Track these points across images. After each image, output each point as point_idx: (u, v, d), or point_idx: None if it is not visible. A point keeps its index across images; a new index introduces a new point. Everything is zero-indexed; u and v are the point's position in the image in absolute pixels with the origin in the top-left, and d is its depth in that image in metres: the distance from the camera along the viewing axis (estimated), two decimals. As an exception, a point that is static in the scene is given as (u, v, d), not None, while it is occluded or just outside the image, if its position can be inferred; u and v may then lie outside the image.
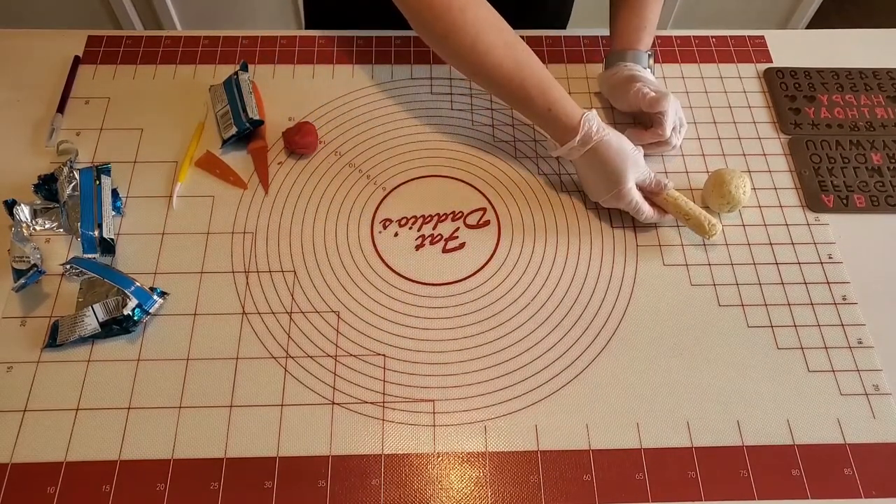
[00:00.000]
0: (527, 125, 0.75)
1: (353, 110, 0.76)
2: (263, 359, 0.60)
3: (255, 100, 0.72)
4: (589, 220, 0.69)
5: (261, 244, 0.66)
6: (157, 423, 0.56)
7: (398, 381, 0.59)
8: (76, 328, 0.58)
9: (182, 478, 0.54)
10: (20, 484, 0.54)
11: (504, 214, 0.69)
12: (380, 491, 0.54)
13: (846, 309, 0.64)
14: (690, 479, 0.55)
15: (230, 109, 0.71)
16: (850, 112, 0.77)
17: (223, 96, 0.72)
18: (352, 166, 0.72)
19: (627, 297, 0.64)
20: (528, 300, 0.64)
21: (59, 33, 0.80)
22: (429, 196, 0.70)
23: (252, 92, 0.72)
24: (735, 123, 0.76)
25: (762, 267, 0.66)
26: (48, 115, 0.73)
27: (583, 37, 0.83)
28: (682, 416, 0.58)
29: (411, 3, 0.63)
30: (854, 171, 0.72)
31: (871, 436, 0.58)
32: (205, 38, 0.81)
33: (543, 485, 0.55)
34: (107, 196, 0.65)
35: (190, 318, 0.62)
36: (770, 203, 0.71)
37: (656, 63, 0.81)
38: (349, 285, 0.64)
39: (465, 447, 0.56)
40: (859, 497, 0.55)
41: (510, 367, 0.60)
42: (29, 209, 0.65)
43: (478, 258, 0.66)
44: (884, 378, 0.60)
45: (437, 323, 0.62)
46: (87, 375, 0.58)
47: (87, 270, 0.61)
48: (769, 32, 0.84)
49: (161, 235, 0.66)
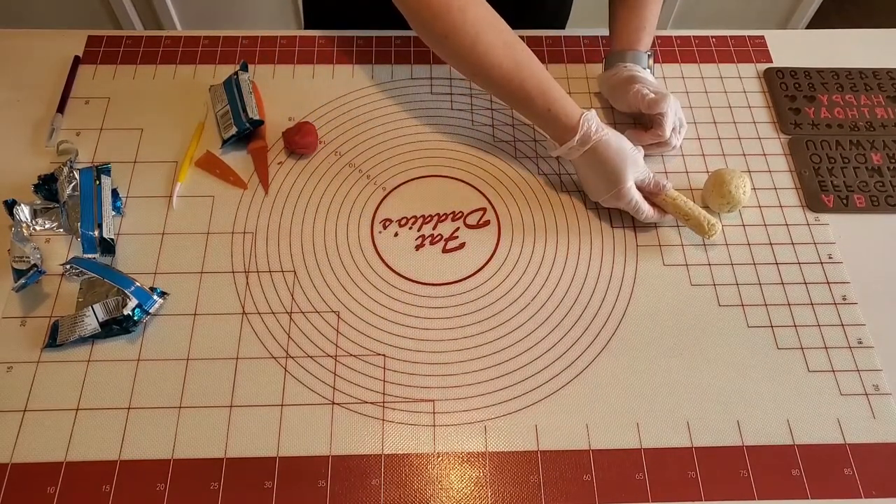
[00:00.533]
0: (527, 125, 0.75)
1: (353, 110, 0.76)
2: (263, 359, 0.60)
3: (255, 100, 0.72)
4: (589, 220, 0.69)
5: (261, 244, 0.66)
6: (157, 423, 0.56)
7: (398, 381, 0.59)
8: (76, 328, 0.58)
9: (182, 478, 0.54)
10: (20, 484, 0.54)
11: (504, 214, 0.69)
12: (380, 491, 0.54)
13: (846, 309, 0.64)
14: (690, 479, 0.55)
15: (230, 109, 0.71)
16: (850, 112, 0.77)
17: (223, 96, 0.72)
18: (352, 166, 0.72)
19: (627, 297, 0.64)
20: (528, 300, 0.64)
21: (59, 33, 0.80)
22: (429, 196, 0.70)
23: (252, 92, 0.72)
24: (735, 123, 0.76)
25: (762, 267, 0.66)
26: (48, 115, 0.73)
27: (582, 37, 0.83)
28: (682, 416, 0.58)
29: (411, 4, 0.63)
30: (854, 171, 0.72)
31: (871, 436, 0.58)
32: (205, 38, 0.81)
33: (543, 485, 0.55)
34: (107, 196, 0.65)
35: (190, 318, 0.62)
36: (770, 203, 0.71)
37: (656, 63, 0.81)
38: (349, 285, 0.64)
39: (465, 447, 0.56)
40: (859, 497, 0.55)
41: (510, 367, 0.60)
42: (29, 209, 0.65)
43: (478, 258, 0.66)
44: (884, 378, 0.60)
45: (437, 323, 0.62)
46: (87, 375, 0.58)
47: (87, 270, 0.61)
48: (769, 32, 0.85)
49: (161, 235, 0.66)
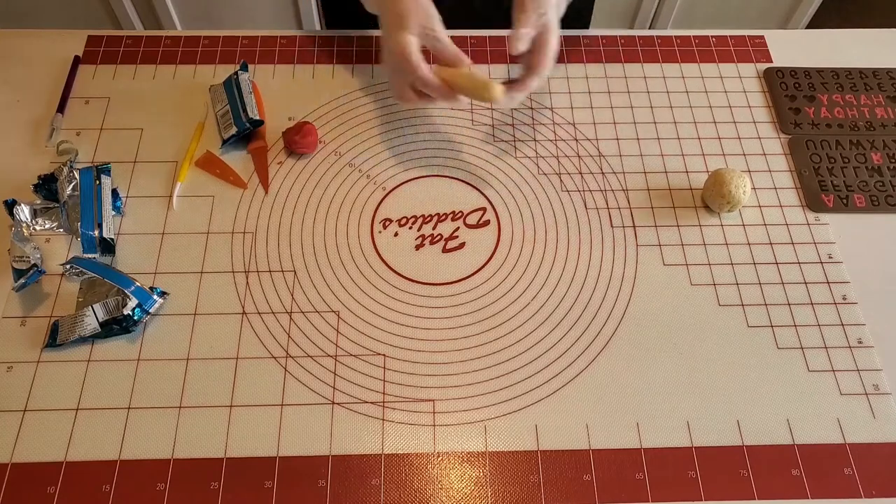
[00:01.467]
0: (526, 125, 0.75)
1: (353, 110, 0.76)
2: (263, 359, 0.60)
3: (256, 100, 0.72)
4: (589, 220, 0.69)
5: (261, 244, 0.66)
6: (157, 423, 0.56)
7: (398, 381, 0.59)
8: (76, 328, 0.58)
9: (182, 478, 0.54)
10: (20, 484, 0.54)
11: (504, 214, 0.69)
12: (380, 491, 0.54)
13: (846, 309, 0.64)
14: (690, 479, 0.55)
15: (230, 109, 0.71)
16: (850, 112, 0.77)
17: (223, 96, 0.72)
18: (352, 166, 0.72)
19: (627, 297, 0.64)
20: (528, 300, 0.64)
21: (59, 33, 0.80)
22: (429, 196, 0.70)
23: (252, 92, 0.72)
24: (735, 123, 0.76)
25: (762, 267, 0.66)
26: (48, 115, 0.73)
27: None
28: (682, 416, 0.58)
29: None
30: (854, 171, 0.72)
31: (871, 436, 0.58)
32: (205, 38, 0.81)
33: (543, 485, 0.55)
34: (107, 196, 0.65)
35: (190, 317, 0.62)
36: (770, 203, 0.71)
37: (657, 63, 0.81)
38: (349, 285, 0.64)
39: (465, 447, 0.56)
40: (859, 497, 0.55)
41: (510, 367, 0.60)
42: (29, 209, 0.65)
43: (478, 258, 0.66)
44: (884, 378, 0.60)
45: (436, 323, 0.62)
46: (87, 375, 0.58)
47: (87, 270, 0.61)
48: (769, 32, 0.84)
49: (161, 235, 0.66)
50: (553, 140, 0.74)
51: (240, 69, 0.74)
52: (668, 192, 0.71)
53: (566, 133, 0.75)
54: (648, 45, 0.82)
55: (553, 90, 0.78)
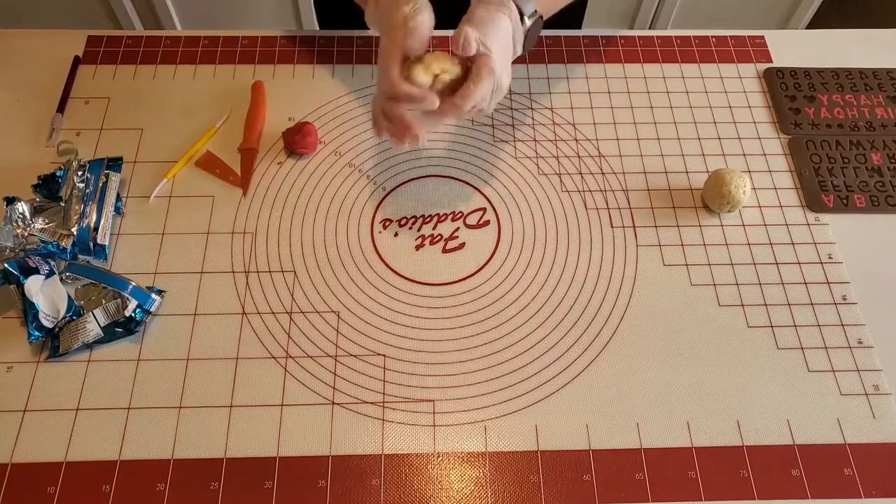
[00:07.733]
0: (526, 125, 0.75)
1: (353, 110, 0.76)
2: (263, 359, 0.60)
3: (250, 117, 0.71)
4: (589, 220, 0.69)
5: (261, 244, 0.66)
6: (157, 423, 0.56)
7: (398, 381, 0.59)
8: (79, 335, 0.58)
9: (182, 478, 0.54)
10: (20, 484, 0.54)
11: (504, 214, 0.69)
12: (380, 491, 0.54)
13: (846, 309, 0.64)
14: (690, 479, 0.55)
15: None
16: (850, 112, 0.77)
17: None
18: (352, 166, 0.72)
19: (627, 297, 0.64)
20: (528, 300, 0.64)
21: (59, 33, 0.80)
22: (429, 196, 0.70)
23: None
24: (735, 123, 0.76)
25: (762, 267, 0.66)
26: (48, 115, 0.73)
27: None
28: (682, 416, 0.58)
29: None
30: (854, 171, 0.72)
31: (871, 436, 0.58)
32: (205, 38, 0.81)
33: (543, 485, 0.55)
34: (111, 196, 0.65)
35: (190, 318, 0.62)
36: (770, 203, 0.71)
37: (657, 63, 0.81)
38: (349, 285, 0.64)
39: (465, 447, 0.56)
40: (859, 497, 0.55)
41: (510, 367, 0.60)
42: (29, 206, 0.65)
43: (478, 258, 0.66)
44: (884, 378, 0.60)
45: (436, 323, 0.62)
46: (87, 375, 0.58)
47: (82, 276, 0.61)
48: (769, 32, 0.85)
49: (161, 235, 0.66)
50: (553, 140, 0.74)
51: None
52: (668, 192, 0.71)
53: (566, 133, 0.75)
54: (648, 45, 0.82)
55: (553, 90, 0.78)
